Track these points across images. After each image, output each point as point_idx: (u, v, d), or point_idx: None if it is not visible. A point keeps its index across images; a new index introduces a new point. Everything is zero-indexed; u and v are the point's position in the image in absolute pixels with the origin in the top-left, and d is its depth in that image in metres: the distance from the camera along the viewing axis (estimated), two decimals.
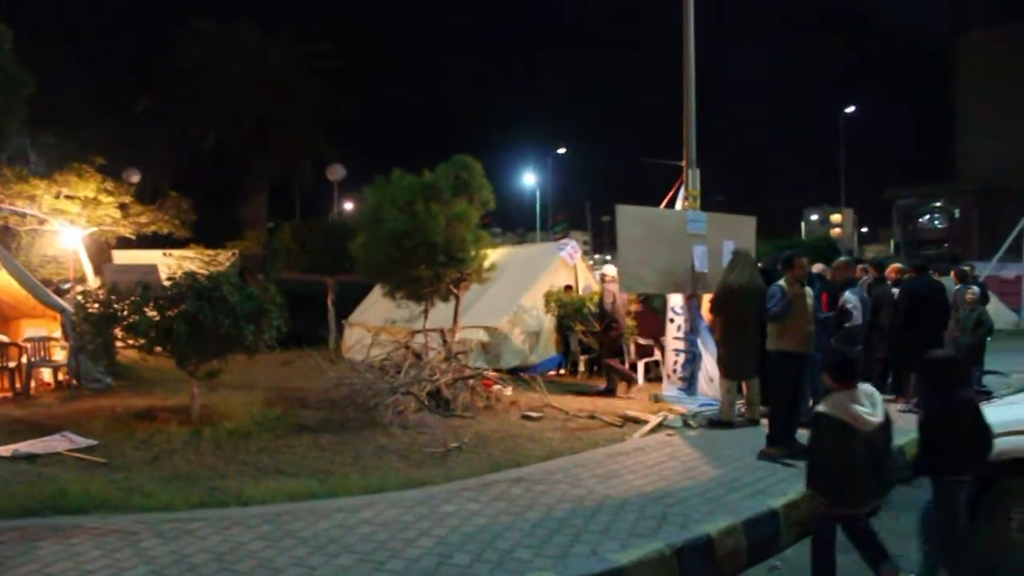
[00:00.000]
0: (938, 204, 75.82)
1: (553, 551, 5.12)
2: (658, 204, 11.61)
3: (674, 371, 10.69)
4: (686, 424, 9.42)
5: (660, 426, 9.25)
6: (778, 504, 6.30)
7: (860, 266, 11.66)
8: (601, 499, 6.32)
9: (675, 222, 10.67)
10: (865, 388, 5.02)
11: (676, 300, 10.68)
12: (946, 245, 71.70)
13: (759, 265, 10.00)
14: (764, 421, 8.84)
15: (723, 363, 9.56)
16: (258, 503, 6.12)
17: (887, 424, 4.92)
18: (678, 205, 11.30)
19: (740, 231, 11.17)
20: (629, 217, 10.12)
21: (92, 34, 37.14)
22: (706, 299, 10.77)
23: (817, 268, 10.71)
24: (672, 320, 10.79)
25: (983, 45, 72.10)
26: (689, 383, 10.57)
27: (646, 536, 5.44)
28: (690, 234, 10.55)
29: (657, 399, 10.58)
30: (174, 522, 5.60)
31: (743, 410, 9.60)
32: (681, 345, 10.62)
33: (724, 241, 10.76)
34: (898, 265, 11.48)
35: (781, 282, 8.12)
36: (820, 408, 5.00)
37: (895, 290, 10.62)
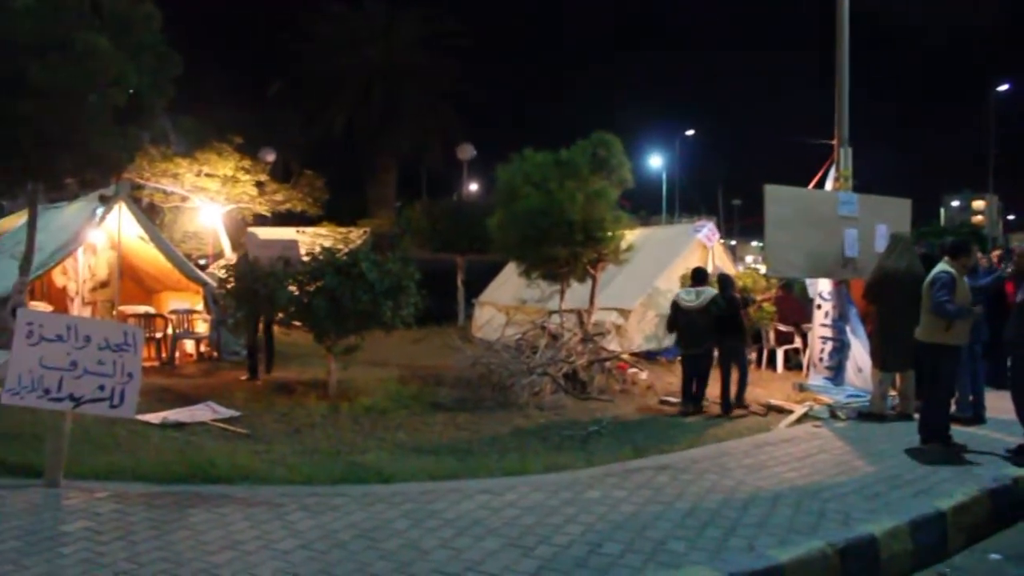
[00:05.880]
0: None
1: (707, 544, 4.85)
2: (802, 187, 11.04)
3: (820, 360, 10.18)
4: (833, 415, 8.94)
5: (806, 416, 8.84)
6: (945, 506, 5.83)
7: None
8: (752, 491, 6.00)
9: (826, 204, 10.11)
10: (700, 289, 9.23)
11: (824, 285, 10.16)
12: None
13: (920, 251, 9.41)
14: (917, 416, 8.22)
15: (877, 353, 9.01)
16: (399, 480, 6.07)
17: (704, 308, 9.04)
18: (828, 186, 10.72)
19: (893, 214, 10.50)
20: (778, 198, 9.65)
21: (224, 17, 38.29)
22: (856, 285, 10.24)
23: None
24: (819, 306, 10.28)
25: None
26: (836, 373, 10.03)
27: (805, 533, 5.10)
28: (841, 216, 10.00)
29: (801, 388, 10.11)
30: (318, 496, 5.60)
31: (896, 403, 9.05)
32: (829, 333, 10.09)
33: (876, 225, 10.16)
34: None
35: (950, 269, 7.37)
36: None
37: None
